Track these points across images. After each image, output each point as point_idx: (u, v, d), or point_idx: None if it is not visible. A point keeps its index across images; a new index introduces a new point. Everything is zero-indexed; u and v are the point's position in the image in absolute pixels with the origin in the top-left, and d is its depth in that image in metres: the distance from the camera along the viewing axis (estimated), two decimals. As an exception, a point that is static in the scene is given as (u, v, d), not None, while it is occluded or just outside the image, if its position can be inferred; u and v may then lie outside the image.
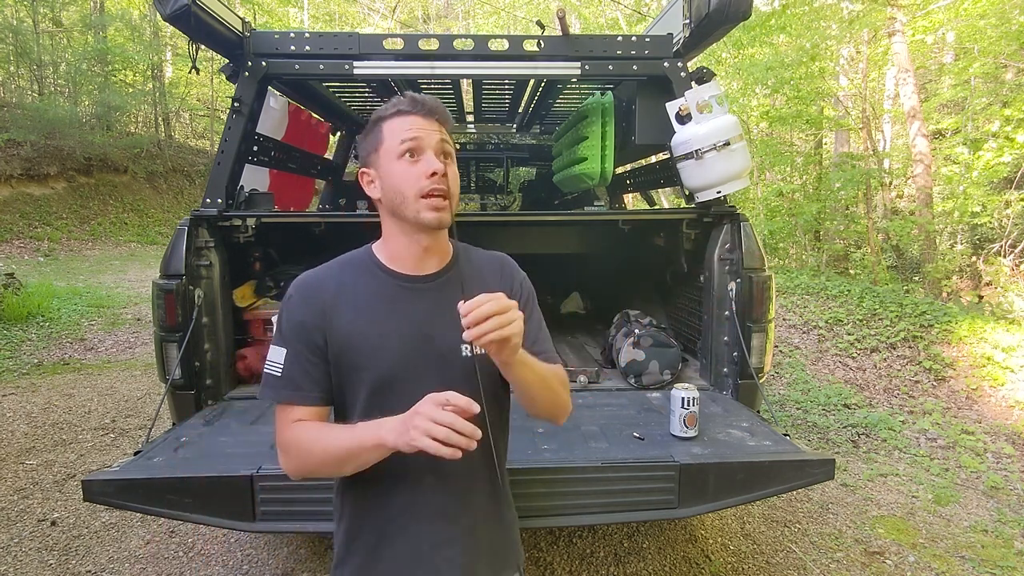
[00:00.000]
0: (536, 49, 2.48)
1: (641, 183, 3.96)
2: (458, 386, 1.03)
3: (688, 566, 2.49)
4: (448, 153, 1.09)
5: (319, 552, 2.55)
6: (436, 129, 1.08)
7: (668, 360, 2.49)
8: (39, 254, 10.27)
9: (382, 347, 1.07)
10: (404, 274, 1.12)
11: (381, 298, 1.10)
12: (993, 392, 4.17)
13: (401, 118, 1.08)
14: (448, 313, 1.05)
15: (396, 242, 1.12)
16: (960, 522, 2.91)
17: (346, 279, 1.12)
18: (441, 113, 1.10)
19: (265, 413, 2.15)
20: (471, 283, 1.11)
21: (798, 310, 5.64)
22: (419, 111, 1.08)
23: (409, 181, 1.05)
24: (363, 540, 1.12)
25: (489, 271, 1.20)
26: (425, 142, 1.06)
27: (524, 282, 1.23)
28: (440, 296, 1.11)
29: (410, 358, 1.07)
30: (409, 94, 1.11)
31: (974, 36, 8.19)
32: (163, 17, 2.06)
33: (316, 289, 1.10)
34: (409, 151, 1.06)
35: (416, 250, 1.11)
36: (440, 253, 1.14)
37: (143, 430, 3.82)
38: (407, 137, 1.06)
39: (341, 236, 2.69)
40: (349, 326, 1.07)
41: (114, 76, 14.32)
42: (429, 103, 1.09)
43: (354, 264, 1.15)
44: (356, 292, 1.10)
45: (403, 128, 1.07)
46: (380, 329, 1.07)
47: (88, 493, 1.56)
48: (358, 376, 1.07)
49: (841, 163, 9.28)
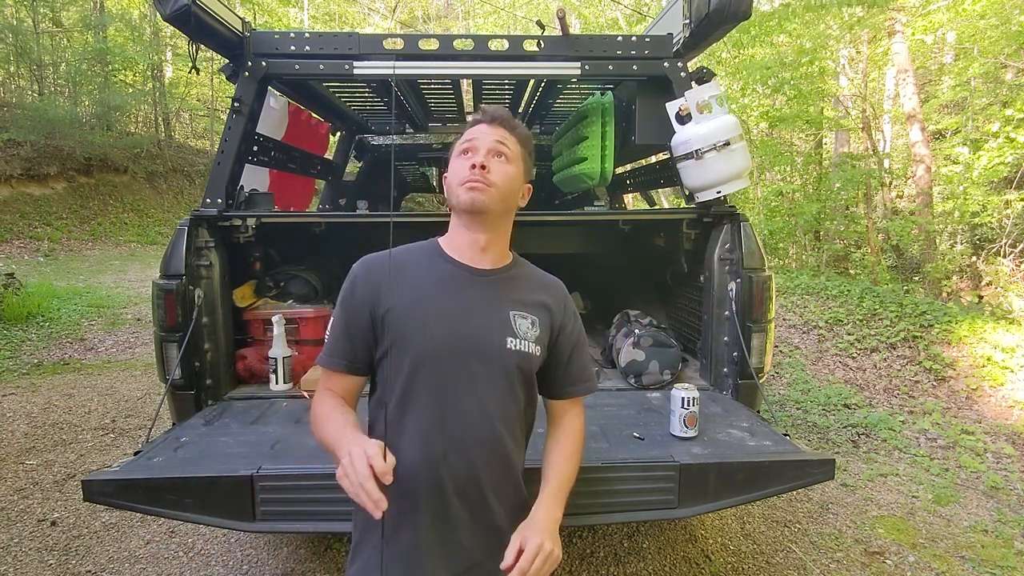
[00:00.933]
0: (536, 49, 2.47)
1: (641, 183, 3.96)
2: (492, 379, 1.16)
3: (688, 566, 2.49)
4: (502, 153, 1.21)
5: (319, 552, 2.55)
6: (495, 134, 1.22)
7: (668, 360, 2.49)
8: (39, 254, 10.27)
9: (428, 327, 1.15)
10: (464, 264, 1.21)
11: (437, 282, 1.20)
12: (993, 392, 4.17)
13: (471, 128, 1.25)
14: (495, 306, 1.19)
15: (456, 233, 1.24)
16: (960, 522, 2.91)
17: (407, 262, 1.22)
18: (504, 120, 1.24)
19: (265, 413, 2.15)
20: (522, 290, 1.24)
21: (798, 310, 5.64)
22: (485, 119, 1.24)
23: (458, 173, 1.20)
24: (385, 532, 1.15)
25: (541, 288, 1.28)
26: (480, 143, 1.20)
27: (577, 318, 1.32)
28: (490, 292, 1.20)
29: (452, 342, 1.15)
30: (489, 109, 1.27)
31: (974, 37, 8.19)
32: (163, 17, 2.06)
33: (377, 268, 1.20)
34: (465, 151, 1.21)
35: (472, 241, 1.22)
36: (497, 252, 1.25)
37: (143, 430, 3.82)
38: (465, 138, 1.23)
39: (341, 236, 2.69)
40: (401, 304, 1.16)
41: (114, 76, 14.31)
42: (494, 113, 1.25)
43: (418, 250, 1.26)
44: (414, 274, 1.20)
45: (467, 133, 1.24)
46: (429, 310, 1.16)
47: (88, 493, 1.56)
48: (402, 351, 1.14)
49: (841, 163, 9.28)
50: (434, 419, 1.13)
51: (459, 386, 1.14)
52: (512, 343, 1.16)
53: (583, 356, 1.31)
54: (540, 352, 1.21)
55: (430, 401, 1.13)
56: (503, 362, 1.16)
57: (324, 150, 4.26)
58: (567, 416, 1.31)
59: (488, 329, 1.16)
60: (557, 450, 1.26)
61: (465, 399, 1.14)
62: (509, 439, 1.19)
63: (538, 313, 1.22)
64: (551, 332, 1.24)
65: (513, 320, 1.18)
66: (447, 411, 1.13)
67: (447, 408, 1.13)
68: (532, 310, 1.22)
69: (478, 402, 1.14)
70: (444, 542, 1.13)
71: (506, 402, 1.17)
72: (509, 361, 1.16)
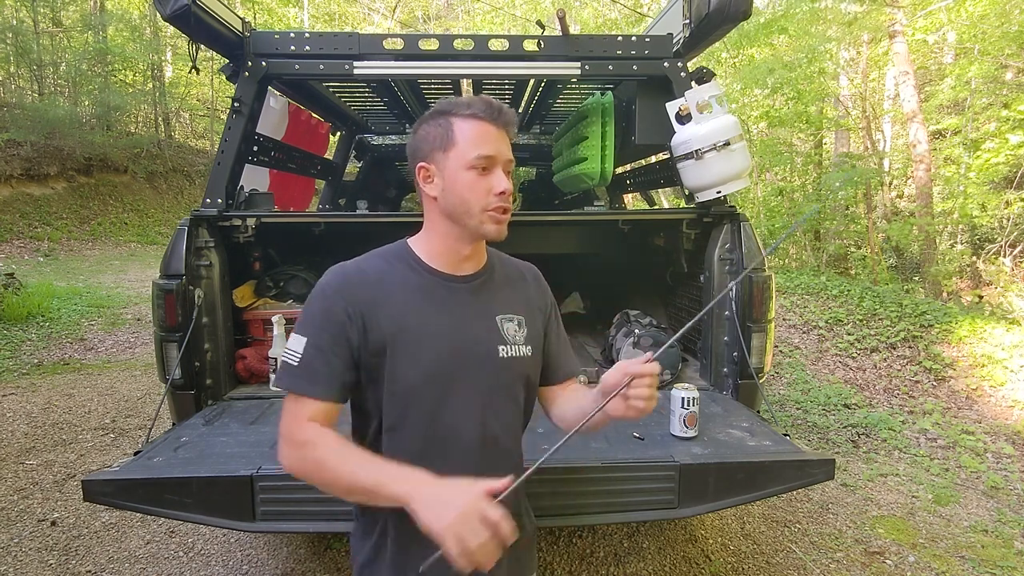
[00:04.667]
0: (536, 49, 2.47)
1: (641, 183, 3.96)
2: (493, 387, 1.10)
3: (688, 566, 2.49)
4: (511, 168, 1.11)
5: (319, 552, 2.55)
6: (505, 141, 1.08)
7: (668, 360, 2.49)
8: (39, 254, 10.27)
9: (428, 344, 1.06)
10: (444, 272, 1.12)
11: (422, 296, 1.09)
12: (993, 392, 4.17)
13: (476, 123, 1.06)
14: (482, 314, 1.12)
15: (441, 242, 1.12)
16: (960, 522, 2.91)
17: (386, 275, 1.09)
18: (512, 123, 1.09)
19: (265, 413, 2.15)
20: (503, 290, 1.17)
21: (798, 310, 5.64)
22: (495, 120, 1.06)
23: (478, 194, 1.05)
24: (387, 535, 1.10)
25: (519, 280, 1.23)
26: (499, 158, 1.07)
27: (552, 298, 1.28)
28: (475, 298, 1.13)
29: (454, 357, 1.07)
30: (484, 97, 1.09)
31: (974, 37, 8.19)
32: (163, 17, 2.06)
33: (358, 282, 1.07)
34: (483, 168, 1.05)
35: (456, 251, 1.12)
36: (479, 256, 1.16)
37: (143, 430, 3.82)
38: (484, 153, 1.05)
39: (341, 236, 2.69)
40: (390, 323, 1.04)
41: (114, 76, 14.32)
42: (505, 112, 1.08)
43: (394, 258, 1.13)
44: (397, 289, 1.08)
45: (478, 137, 1.05)
46: (425, 326, 1.06)
47: (88, 493, 1.56)
48: (394, 372, 1.05)
49: (841, 163, 9.28)
50: (436, 442, 1.07)
51: (458, 407, 1.07)
52: (504, 351, 1.11)
53: (564, 340, 1.29)
54: (532, 351, 1.17)
55: (427, 424, 1.06)
56: (499, 371, 1.11)
57: (324, 150, 4.26)
58: (569, 386, 1.27)
59: (479, 342, 1.10)
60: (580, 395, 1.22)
61: (465, 422, 1.08)
62: (514, 448, 1.17)
63: (523, 311, 1.18)
64: (539, 324, 1.21)
65: (501, 326, 1.13)
66: (448, 434, 1.07)
67: (448, 431, 1.07)
68: (516, 309, 1.17)
69: (480, 420, 1.08)
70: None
71: (508, 410, 1.14)
72: (505, 369, 1.11)
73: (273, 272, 2.85)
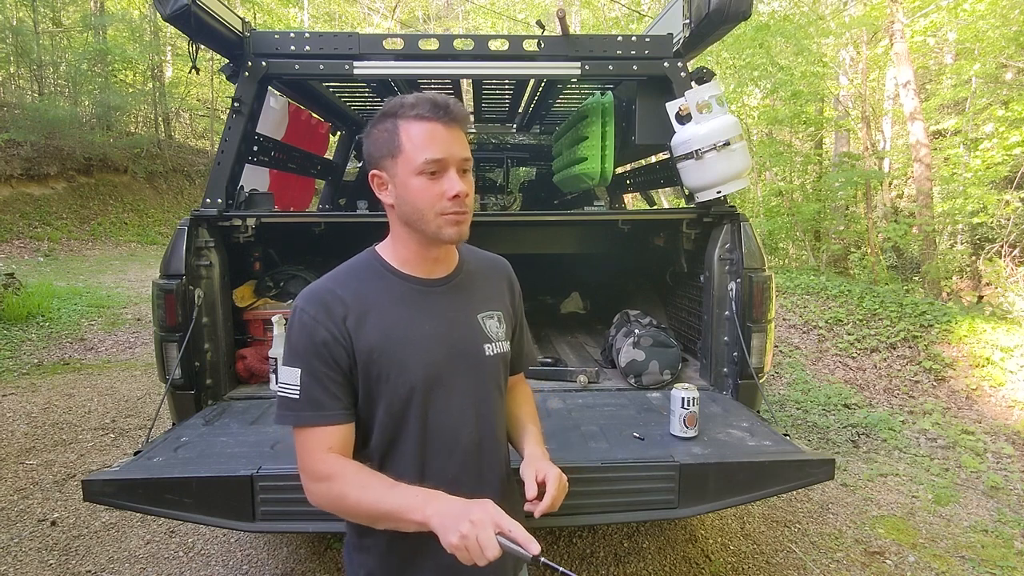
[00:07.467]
0: (536, 49, 2.48)
1: (641, 183, 3.96)
2: (483, 385, 1.13)
3: (688, 566, 2.49)
4: (468, 165, 1.05)
5: (319, 552, 2.55)
6: (458, 140, 1.02)
7: (668, 360, 2.49)
8: (39, 254, 10.27)
9: (415, 353, 1.05)
10: (419, 278, 1.11)
11: (403, 303, 1.08)
12: (993, 392, 4.17)
13: (421, 124, 1.00)
14: (464, 314, 1.13)
15: (408, 249, 1.10)
16: (960, 522, 2.91)
17: (362, 288, 1.07)
18: (463, 119, 1.03)
19: (265, 413, 2.14)
20: (479, 287, 1.18)
21: (798, 310, 5.64)
22: (441, 118, 1.00)
23: (429, 200, 1.01)
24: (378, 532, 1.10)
25: (492, 274, 1.25)
26: (450, 160, 1.00)
27: (520, 291, 1.30)
28: (454, 299, 1.13)
29: (443, 361, 1.07)
30: (429, 94, 1.03)
31: (974, 38, 8.19)
32: (163, 17, 2.06)
33: (333, 303, 1.04)
34: (432, 172, 1.00)
35: (426, 255, 1.11)
36: (450, 257, 1.16)
37: (143, 430, 3.82)
38: (431, 156, 0.99)
39: (341, 236, 2.69)
40: (377, 335, 1.04)
41: (114, 76, 14.30)
42: (452, 108, 1.01)
43: (364, 271, 1.11)
44: (377, 300, 1.06)
45: (424, 140, 0.99)
46: (410, 335, 1.06)
47: (88, 493, 1.56)
48: (390, 384, 1.04)
49: (841, 163, 9.28)
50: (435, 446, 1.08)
51: (453, 409, 1.08)
52: (489, 348, 1.13)
53: (526, 331, 1.33)
54: (509, 344, 1.21)
55: (425, 429, 1.07)
56: (487, 369, 1.13)
57: (324, 150, 4.26)
58: (519, 385, 1.34)
59: (465, 342, 1.10)
60: (525, 410, 1.28)
61: (461, 423, 1.09)
62: (503, 441, 1.21)
63: (499, 306, 1.20)
64: (511, 318, 1.24)
65: (483, 323, 1.14)
66: (446, 437, 1.09)
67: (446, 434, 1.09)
68: (494, 305, 1.18)
69: (475, 419, 1.11)
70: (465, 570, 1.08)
71: (497, 405, 1.17)
72: (492, 367, 1.14)
73: (273, 272, 2.84)
